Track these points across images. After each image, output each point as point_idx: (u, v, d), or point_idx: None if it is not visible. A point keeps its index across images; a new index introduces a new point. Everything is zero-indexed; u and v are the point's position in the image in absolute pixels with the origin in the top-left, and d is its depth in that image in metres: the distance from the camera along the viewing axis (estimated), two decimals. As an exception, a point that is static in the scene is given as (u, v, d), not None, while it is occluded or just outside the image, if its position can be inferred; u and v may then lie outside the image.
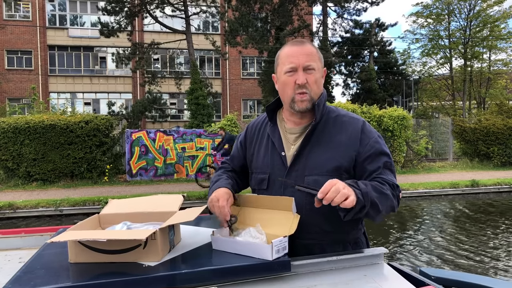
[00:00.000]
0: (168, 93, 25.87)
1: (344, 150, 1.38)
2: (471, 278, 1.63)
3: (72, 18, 26.54)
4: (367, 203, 1.23)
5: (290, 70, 1.38)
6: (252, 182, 1.53)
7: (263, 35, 18.87)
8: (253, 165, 1.53)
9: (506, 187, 12.33)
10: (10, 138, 11.95)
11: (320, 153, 1.38)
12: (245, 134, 1.61)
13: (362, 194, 1.22)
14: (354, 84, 27.28)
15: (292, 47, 1.40)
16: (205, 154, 13.42)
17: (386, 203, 1.30)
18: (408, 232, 7.92)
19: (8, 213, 9.49)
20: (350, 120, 1.44)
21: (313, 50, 1.41)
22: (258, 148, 1.52)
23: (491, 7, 24.08)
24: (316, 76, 1.40)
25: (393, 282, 1.15)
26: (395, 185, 1.35)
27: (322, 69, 1.45)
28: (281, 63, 1.42)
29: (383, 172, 1.37)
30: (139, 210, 1.42)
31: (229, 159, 1.66)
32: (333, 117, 1.45)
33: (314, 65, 1.38)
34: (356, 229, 1.46)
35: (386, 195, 1.30)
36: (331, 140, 1.40)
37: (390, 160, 1.41)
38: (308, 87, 1.37)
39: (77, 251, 1.14)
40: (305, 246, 1.37)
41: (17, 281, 1.02)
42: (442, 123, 18.22)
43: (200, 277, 1.05)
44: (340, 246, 1.41)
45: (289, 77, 1.38)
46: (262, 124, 1.57)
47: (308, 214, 1.34)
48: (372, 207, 1.25)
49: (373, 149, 1.39)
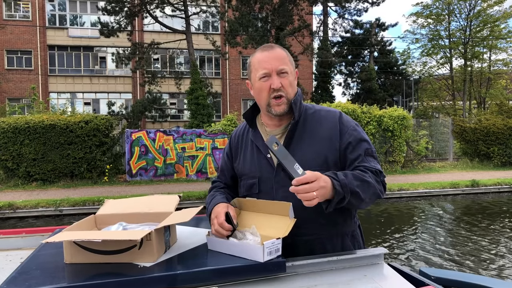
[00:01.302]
0: (168, 93, 25.89)
1: (327, 143, 1.41)
2: (471, 278, 1.62)
3: (72, 18, 26.56)
4: (347, 194, 1.24)
5: (263, 75, 1.40)
6: (242, 189, 1.54)
7: (263, 35, 18.87)
8: (241, 172, 1.55)
9: (506, 187, 12.33)
10: (10, 138, 11.95)
11: (305, 148, 1.41)
12: (230, 145, 1.64)
13: (341, 186, 1.23)
14: (354, 84, 27.35)
15: (263, 53, 1.43)
16: (205, 154, 13.42)
17: (369, 191, 1.31)
18: (408, 232, 7.91)
19: (8, 213, 9.49)
20: (327, 114, 1.48)
21: (284, 54, 1.44)
22: (244, 155, 1.55)
23: (491, 7, 24.10)
24: (290, 79, 1.43)
25: (393, 282, 1.15)
26: (378, 171, 1.37)
27: (294, 71, 1.48)
28: (254, 69, 1.45)
29: (365, 160, 1.39)
30: (135, 210, 1.42)
31: (219, 175, 1.68)
32: (311, 113, 1.49)
33: (286, 68, 1.41)
34: (351, 221, 1.48)
35: (368, 182, 1.31)
36: (313, 135, 1.43)
37: (370, 147, 1.43)
38: (283, 90, 1.40)
39: (73, 252, 1.13)
40: (305, 242, 1.39)
41: (12, 282, 1.02)
42: (442, 123, 18.23)
43: (196, 277, 1.06)
44: (338, 240, 1.43)
45: (264, 83, 1.41)
46: (244, 131, 1.60)
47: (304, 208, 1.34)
48: (353, 197, 1.26)
49: (351, 137, 1.42)
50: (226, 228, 1.27)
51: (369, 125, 14.03)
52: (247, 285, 1.09)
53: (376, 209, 10.07)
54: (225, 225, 1.27)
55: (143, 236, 1.08)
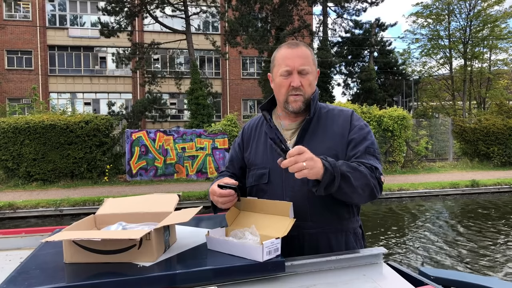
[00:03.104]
0: (168, 93, 25.87)
1: (339, 139, 1.45)
2: (471, 278, 1.62)
3: (72, 18, 26.55)
4: (337, 175, 1.23)
5: (285, 72, 1.43)
6: (250, 179, 1.56)
7: (263, 35, 18.87)
8: (252, 162, 1.56)
9: (506, 187, 12.32)
10: (10, 138, 11.95)
11: (318, 144, 1.43)
12: (242, 136, 1.66)
13: (331, 166, 1.23)
14: (354, 84, 27.31)
15: (287, 50, 1.46)
16: (205, 154, 13.42)
17: (361, 180, 1.29)
18: (408, 232, 7.91)
19: (8, 213, 9.49)
20: (339, 112, 1.53)
21: (308, 53, 1.46)
22: (256, 146, 1.57)
23: (491, 6, 24.09)
24: (310, 79, 1.46)
25: (392, 282, 1.15)
26: (374, 167, 1.36)
27: (316, 71, 1.51)
28: (277, 64, 1.47)
29: (363, 157, 1.39)
30: (135, 210, 1.42)
31: (227, 165, 1.69)
32: (325, 112, 1.53)
33: (308, 68, 1.44)
34: (354, 218, 1.50)
35: (360, 171, 1.30)
36: (326, 131, 1.47)
37: (372, 146, 1.44)
38: (302, 89, 1.44)
39: (72, 251, 1.13)
40: (311, 235, 1.41)
41: (12, 281, 1.02)
42: (442, 123, 18.22)
43: (195, 277, 1.06)
44: (342, 236, 1.45)
45: (284, 79, 1.44)
46: (258, 123, 1.63)
47: (310, 201, 1.39)
48: (344, 181, 1.25)
49: (356, 134, 1.45)
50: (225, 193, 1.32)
51: (369, 125, 13.99)
52: (246, 285, 1.09)
53: (376, 209, 10.08)
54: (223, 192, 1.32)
55: (142, 236, 1.08)
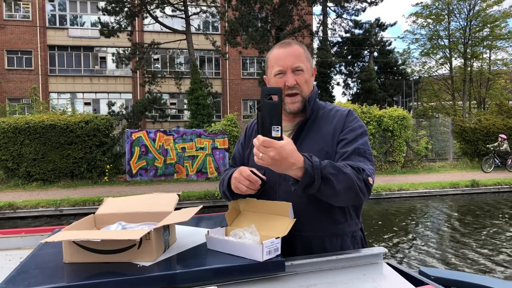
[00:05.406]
0: (168, 93, 25.88)
1: (330, 138, 1.41)
2: (471, 278, 1.62)
3: (72, 18, 26.55)
4: (317, 176, 1.17)
5: (279, 72, 1.41)
6: None
7: (263, 35, 18.86)
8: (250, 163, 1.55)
9: (506, 187, 12.32)
10: (10, 138, 11.95)
11: (310, 146, 1.40)
12: (245, 134, 1.66)
13: (313, 167, 1.17)
14: (354, 84, 27.34)
15: (279, 50, 1.43)
16: (205, 154, 13.42)
17: (344, 182, 1.22)
18: (408, 232, 7.91)
19: (8, 213, 9.49)
20: (335, 112, 1.48)
21: (300, 50, 1.43)
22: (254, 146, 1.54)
23: (491, 6, 24.11)
24: (306, 77, 1.43)
25: (392, 282, 1.15)
26: (360, 169, 1.28)
27: (312, 68, 1.48)
28: (270, 66, 1.45)
29: (351, 158, 1.33)
30: (135, 210, 1.41)
31: (231, 164, 1.68)
32: (323, 112, 1.49)
33: (302, 66, 1.41)
34: (352, 221, 1.45)
35: (344, 173, 1.22)
36: (319, 132, 1.43)
37: (363, 147, 1.37)
38: (298, 88, 1.41)
39: (72, 251, 1.13)
40: (304, 238, 1.37)
41: (12, 281, 1.02)
42: (442, 123, 18.21)
43: (195, 276, 1.05)
44: (338, 240, 1.40)
45: (279, 80, 1.41)
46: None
47: (305, 204, 1.36)
48: (325, 184, 1.19)
49: (347, 134, 1.39)
50: (254, 179, 1.30)
51: (369, 125, 14.03)
52: (246, 285, 1.09)
53: (376, 209, 10.08)
54: (253, 177, 1.30)
55: (142, 236, 1.08)
